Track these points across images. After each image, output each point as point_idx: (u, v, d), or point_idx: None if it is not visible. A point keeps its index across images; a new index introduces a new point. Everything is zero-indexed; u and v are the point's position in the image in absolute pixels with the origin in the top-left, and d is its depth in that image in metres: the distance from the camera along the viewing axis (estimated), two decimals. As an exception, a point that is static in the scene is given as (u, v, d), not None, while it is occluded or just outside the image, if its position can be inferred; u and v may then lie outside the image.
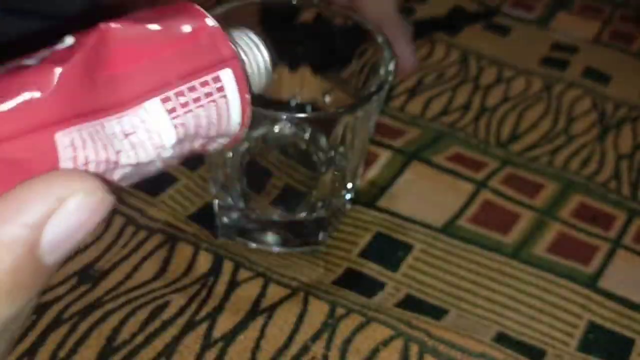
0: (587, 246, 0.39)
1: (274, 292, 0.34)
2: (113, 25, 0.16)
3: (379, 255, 0.37)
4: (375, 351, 0.32)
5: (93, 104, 0.16)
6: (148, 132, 0.17)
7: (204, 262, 0.36)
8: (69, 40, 0.16)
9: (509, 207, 0.40)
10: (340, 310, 0.33)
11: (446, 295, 0.35)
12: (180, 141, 0.17)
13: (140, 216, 0.38)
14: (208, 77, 0.18)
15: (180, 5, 0.18)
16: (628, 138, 0.46)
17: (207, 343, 0.32)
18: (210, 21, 0.18)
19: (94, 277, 0.35)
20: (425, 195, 0.40)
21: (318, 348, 0.32)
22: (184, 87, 0.17)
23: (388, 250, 0.37)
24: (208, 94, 0.17)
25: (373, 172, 0.41)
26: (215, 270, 0.35)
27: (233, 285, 0.34)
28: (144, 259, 0.36)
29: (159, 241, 0.37)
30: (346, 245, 0.37)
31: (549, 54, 0.53)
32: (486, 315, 0.34)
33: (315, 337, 0.32)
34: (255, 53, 0.19)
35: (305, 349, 0.32)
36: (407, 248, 0.37)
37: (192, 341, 0.32)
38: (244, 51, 0.19)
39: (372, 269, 0.36)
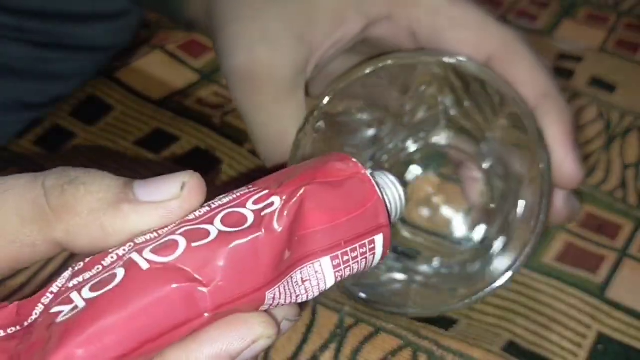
0: (594, 256, 0.39)
1: (282, 302, 0.34)
2: (309, 191, 0.20)
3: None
4: (384, 361, 0.32)
5: (290, 261, 0.20)
6: (318, 280, 0.21)
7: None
8: (277, 202, 0.20)
9: (516, 217, 0.40)
10: (349, 320, 0.33)
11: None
12: (334, 285, 0.22)
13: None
14: (366, 241, 0.22)
15: (357, 173, 0.22)
16: (634, 147, 0.46)
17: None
18: (376, 193, 0.22)
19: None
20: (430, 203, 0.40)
21: (327, 358, 0.32)
22: (348, 249, 0.21)
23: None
24: (363, 253, 0.22)
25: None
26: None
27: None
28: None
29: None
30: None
31: (554, 63, 0.53)
32: (495, 324, 0.34)
33: (324, 348, 0.32)
34: (393, 191, 0.23)
35: (314, 359, 0.32)
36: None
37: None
38: (384, 190, 0.23)
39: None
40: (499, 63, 0.30)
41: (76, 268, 0.19)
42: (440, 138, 0.35)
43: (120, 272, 0.18)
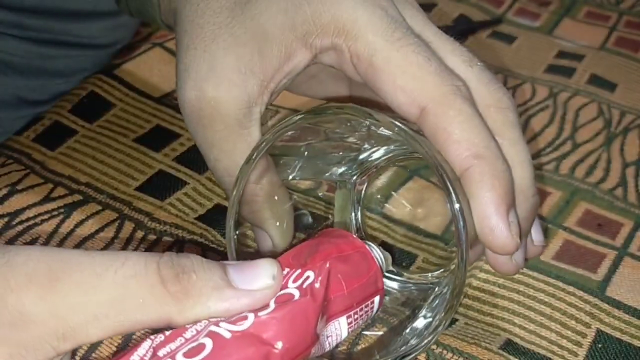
0: (594, 254, 0.39)
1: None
2: (332, 264, 0.26)
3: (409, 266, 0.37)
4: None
5: (322, 322, 0.25)
6: (336, 335, 0.26)
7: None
8: (311, 275, 0.25)
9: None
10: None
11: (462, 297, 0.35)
12: (346, 337, 0.27)
13: (148, 220, 0.38)
14: (369, 302, 0.27)
15: (360, 248, 0.27)
16: (634, 145, 0.46)
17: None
18: (376, 263, 0.27)
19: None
20: (428, 204, 0.40)
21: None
22: (358, 309, 0.27)
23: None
24: (367, 311, 0.27)
25: (379, 182, 0.41)
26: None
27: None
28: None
29: (168, 244, 0.37)
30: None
31: (554, 61, 0.53)
32: (494, 322, 0.34)
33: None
34: (380, 260, 0.29)
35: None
36: (412, 257, 0.37)
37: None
38: (376, 253, 0.28)
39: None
40: (432, 117, 0.28)
41: (157, 340, 0.23)
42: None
43: (208, 342, 0.22)
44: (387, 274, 0.35)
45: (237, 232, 0.31)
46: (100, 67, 0.48)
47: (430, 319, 0.30)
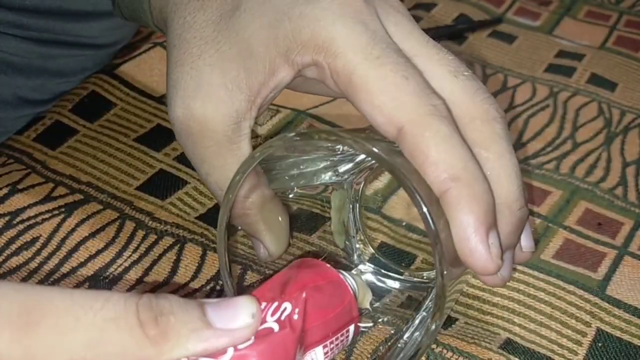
0: (594, 253, 0.39)
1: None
2: (308, 295, 0.26)
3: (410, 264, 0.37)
4: (383, 358, 0.32)
5: (300, 352, 0.26)
6: None
7: (211, 263, 0.36)
8: (288, 307, 0.25)
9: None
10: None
11: (454, 304, 0.35)
12: None
13: (149, 219, 0.38)
14: (344, 330, 0.27)
15: (335, 277, 0.28)
16: (634, 144, 0.46)
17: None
18: (350, 292, 0.28)
19: (106, 283, 0.35)
20: None
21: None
22: (333, 338, 0.27)
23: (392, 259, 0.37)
24: (342, 340, 0.27)
25: (379, 183, 0.41)
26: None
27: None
28: (154, 262, 0.36)
29: (169, 243, 0.37)
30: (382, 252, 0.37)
31: (554, 61, 0.53)
32: (494, 322, 0.35)
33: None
34: (355, 288, 0.29)
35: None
36: (412, 257, 0.37)
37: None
38: (350, 282, 0.29)
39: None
40: (410, 138, 0.27)
41: None
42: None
43: None
44: (387, 273, 0.36)
45: (227, 258, 0.31)
46: (101, 67, 0.48)
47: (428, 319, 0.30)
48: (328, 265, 0.28)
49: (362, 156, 0.34)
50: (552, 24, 0.57)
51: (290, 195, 0.35)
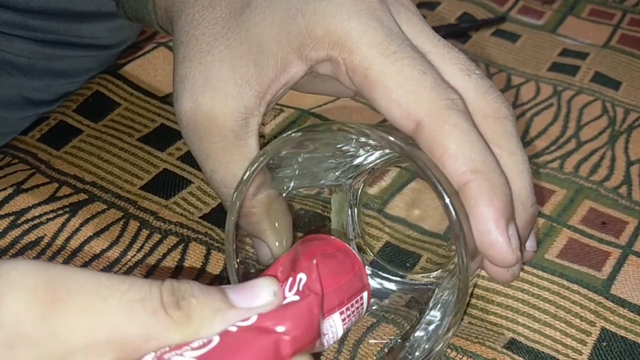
0: (598, 252, 0.39)
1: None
2: (319, 262, 0.26)
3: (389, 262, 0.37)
4: (387, 357, 0.32)
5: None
6: (332, 333, 0.27)
7: (215, 262, 0.36)
8: (303, 277, 0.25)
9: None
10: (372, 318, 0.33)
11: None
12: (342, 335, 0.27)
13: (154, 219, 0.38)
14: (358, 297, 0.27)
15: (342, 246, 0.28)
16: (638, 143, 0.46)
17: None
18: (359, 259, 0.28)
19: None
20: (426, 204, 0.40)
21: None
22: (349, 305, 0.27)
23: (397, 258, 0.37)
24: (358, 307, 0.27)
25: (384, 183, 0.41)
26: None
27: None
28: (159, 261, 0.36)
29: (173, 243, 0.37)
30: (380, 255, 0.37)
31: (558, 59, 0.53)
32: (498, 322, 0.35)
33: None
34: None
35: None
36: (415, 258, 0.37)
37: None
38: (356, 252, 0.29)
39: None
40: (428, 132, 0.27)
41: (161, 351, 0.22)
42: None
43: (216, 338, 0.22)
44: (387, 276, 0.36)
45: (238, 258, 0.31)
46: (105, 68, 0.48)
47: (439, 322, 0.30)
48: (332, 237, 0.28)
49: (362, 159, 0.34)
50: (556, 22, 0.57)
51: (292, 195, 0.35)
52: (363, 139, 0.29)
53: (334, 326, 0.26)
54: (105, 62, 0.48)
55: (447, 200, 0.26)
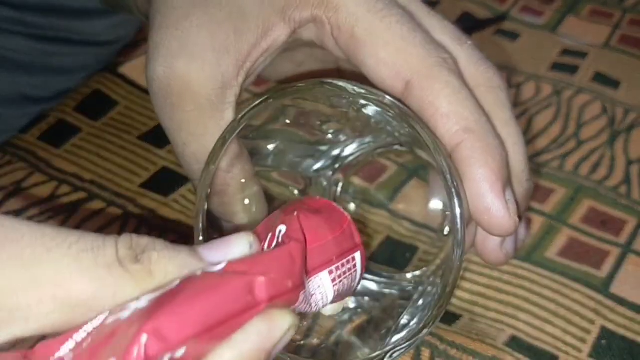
0: (598, 251, 0.39)
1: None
2: (301, 215, 0.24)
3: (388, 257, 0.37)
4: (387, 355, 0.32)
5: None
6: (321, 294, 0.24)
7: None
8: (283, 229, 0.23)
9: (520, 212, 0.40)
10: (352, 317, 0.33)
11: (459, 301, 0.35)
12: (334, 299, 0.25)
13: (153, 217, 0.38)
14: (350, 257, 0.25)
15: (329, 205, 0.25)
16: (638, 143, 0.46)
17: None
18: (348, 219, 0.25)
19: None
20: (415, 192, 0.40)
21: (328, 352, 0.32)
22: (339, 264, 0.24)
23: (396, 253, 0.37)
24: (350, 269, 0.25)
25: (383, 179, 0.41)
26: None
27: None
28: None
29: (172, 240, 0.37)
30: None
31: (558, 59, 0.53)
32: (499, 319, 0.34)
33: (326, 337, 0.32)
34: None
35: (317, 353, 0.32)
36: (414, 250, 0.37)
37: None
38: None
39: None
40: (418, 91, 0.26)
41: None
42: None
43: (175, 282, 0.19)
44: (366, 275, 0.33)
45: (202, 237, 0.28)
46: (104, 65, 0.48)
47: (418, 317, 0.29)
48: (318, 197, 0.26)
49: (340, 149, 0.33)
50: (556, 22, 0.57)
51: (268, 181, 0.33)
52: (352, 89, 0.26)
53: (322, 286, 0.24)
54: (104, 59, 0.48)
55: (438, 158, 0.24)
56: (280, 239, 0.23)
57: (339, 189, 0.35)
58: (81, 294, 0.18)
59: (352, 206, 0.37)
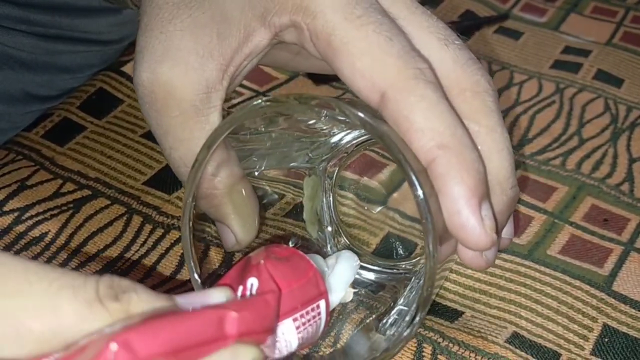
0: (600, 249, 0.39)
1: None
2: (269, 263, 0.24)
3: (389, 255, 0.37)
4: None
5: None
6: (285, 341, 0.24)
7: (214, 256, 0.36)
8: (255, 282, 0.24)
9: (522, 211, 0.40)
10: (351, 307, 0.33)
11: (461, 297, 0.35)
12: (297, 347, 0.25)
13: (156, 214, 0.38)
14: (314, 305, 0.25)
15: (296, 254, 0.26)
16: (641, 141, 0.46)
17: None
18: (314, 267, 0.26)
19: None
20: (404, 190, 0.40)
21: (328, 345, 0.32)
22: (304, 312, 0.25)
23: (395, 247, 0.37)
24: (314, 316, 0.25)
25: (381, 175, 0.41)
26: (227, 265, 0.35)
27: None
28: (162, 256, 0.36)
29: (175, 237, 0.37)
30: (358, 243, 0.37)
31: (560, 57, 0.53)
32: (501, 316, 0.35)
33: (325, 335, 0.32)
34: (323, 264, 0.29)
35: (316, 346, 0.32)
36: (390, 244, 0.37)
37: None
38: (318, 260, 0.28)
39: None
40: (393, 104, 0.25)
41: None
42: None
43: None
44: (363, 264, 0.33)
45: (192, 246, 0.29)
46: (107, 63, 0.48)
47: (407, 309, 0.28)
48: (285, 245, 0.27)
49: (337, 138, 0.32)
50: (559, 20, 0.57)
51: (259, 175, 0.33)
52: (325, 112, 0.26)
53: (286, 333, 0.24)
54: (108, 57, 0.48)
55: (411, 175, 0.24)
56: (253, 292, 0.24)
57: (334, 179, 0.35)
58: (58, 327, 0.19)
59: (349, 201, 0.37)
